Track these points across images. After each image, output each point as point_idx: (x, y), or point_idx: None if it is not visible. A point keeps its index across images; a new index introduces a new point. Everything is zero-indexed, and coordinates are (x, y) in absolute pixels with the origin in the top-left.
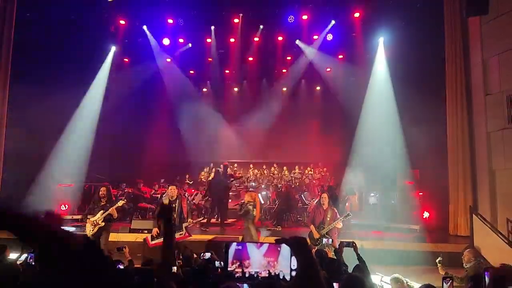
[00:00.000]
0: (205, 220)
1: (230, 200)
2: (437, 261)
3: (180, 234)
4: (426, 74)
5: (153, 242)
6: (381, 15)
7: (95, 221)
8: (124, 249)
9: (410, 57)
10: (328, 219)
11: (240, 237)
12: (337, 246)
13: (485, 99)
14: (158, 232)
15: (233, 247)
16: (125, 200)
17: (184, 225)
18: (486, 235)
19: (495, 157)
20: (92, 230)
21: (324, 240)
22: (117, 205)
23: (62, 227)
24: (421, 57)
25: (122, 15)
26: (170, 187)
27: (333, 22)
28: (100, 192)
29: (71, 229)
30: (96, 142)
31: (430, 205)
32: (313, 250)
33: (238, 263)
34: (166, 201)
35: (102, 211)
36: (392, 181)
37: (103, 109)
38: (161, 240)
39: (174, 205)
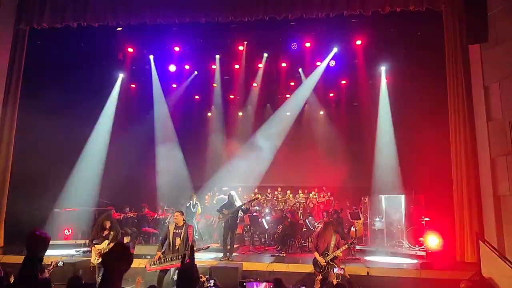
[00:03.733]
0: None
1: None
2: None
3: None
4: (428, 100)
5: (152, 267)
6: (382, 43)
7: (101, 250)
8: (138, 279)
9: (411, 83)
10: (332, 245)
11: (243, 263)
12: (344, 274)
13: (487, 125)
14: (160, 257)
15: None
16: (129, 237)
17: (187, 252)
18: (493, 262)
19: (499, 183)
20: (97, 259)
21: (336, 270)
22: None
23: None
24: (422, 83)
25: (130, 43)
26: (175, 214)
27: (335, 49)
28: (106, 225)
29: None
30: (102, 166)
31: (436, 231)
32: (319, 278)
33: None
34: (171, 227)
35: (107, 241)
36: (397, 206)
37: (111, 135)
38: (159, 266)
39: (179, 231)
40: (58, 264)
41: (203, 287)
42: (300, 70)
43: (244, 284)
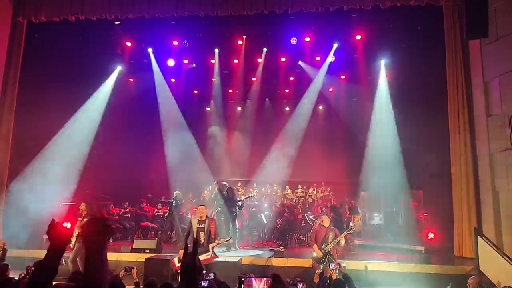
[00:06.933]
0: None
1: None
2: None
3: (207, 256)
4: (427, 95)
5: (179, 264)
6: (382, 38)
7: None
8: (132, 270)
9: (411, 79)
10: (330, 237)
11: (242, 258)
12: (340, 268)
13: (487, 120)
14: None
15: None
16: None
17: (210, 246)
18: (491, 257)
19: (498, 178)
20: (73, 242)
21: (332, 265)
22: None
23: None
24: (422, 79)
25: (129, 37)
26: (199, 207)
27: (335, 45)
28: (80, 208)
29: None
30: (100, 160)
31: (435, 226)
32: (318, 271)
33: None
34: (194, 222)
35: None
36: (396, 202)
37: (105, 126)
38: None
39: (203, 226)
40: (62, 262)
41: (203, 280)
42: (300, 62)
43: (243, 279)
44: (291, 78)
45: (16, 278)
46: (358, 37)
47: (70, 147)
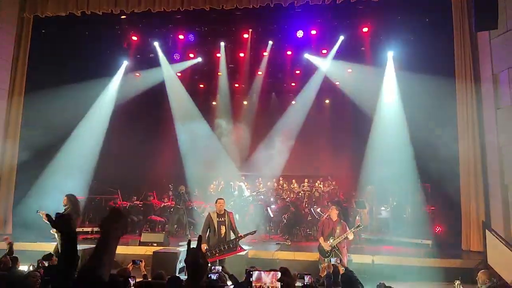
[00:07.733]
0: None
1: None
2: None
3: (233, 250)
4: (435, 88)
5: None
6: (389, 30)
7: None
8: (140, 262)
9: (419, 71)
10: (338, 231)
11: (249, 251)
12: (346, 263)
13: (496, 113)
14: (207, 249)
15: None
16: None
17: (236, 239)
18: (500, 251)
19: (507, 171)
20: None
21: (333, 260)
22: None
23: None
24: (430, 71)
25: (135, 31)
26: (218, 201)
27: (341, 37)
28: (63, 202)
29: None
30: (106, 154)
31: (442, 220)
32: (324, 265)
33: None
34: (214, 216)
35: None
36: (403, 195)
37: (113, 120)
38: (212, 258)
39: (223, 219)
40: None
41: (210, 273)
42: (306, 55)
43: (251, 272)
44: (297, 72)
45: (26, 270)
46: (365, 29)
47: (80, 144)
